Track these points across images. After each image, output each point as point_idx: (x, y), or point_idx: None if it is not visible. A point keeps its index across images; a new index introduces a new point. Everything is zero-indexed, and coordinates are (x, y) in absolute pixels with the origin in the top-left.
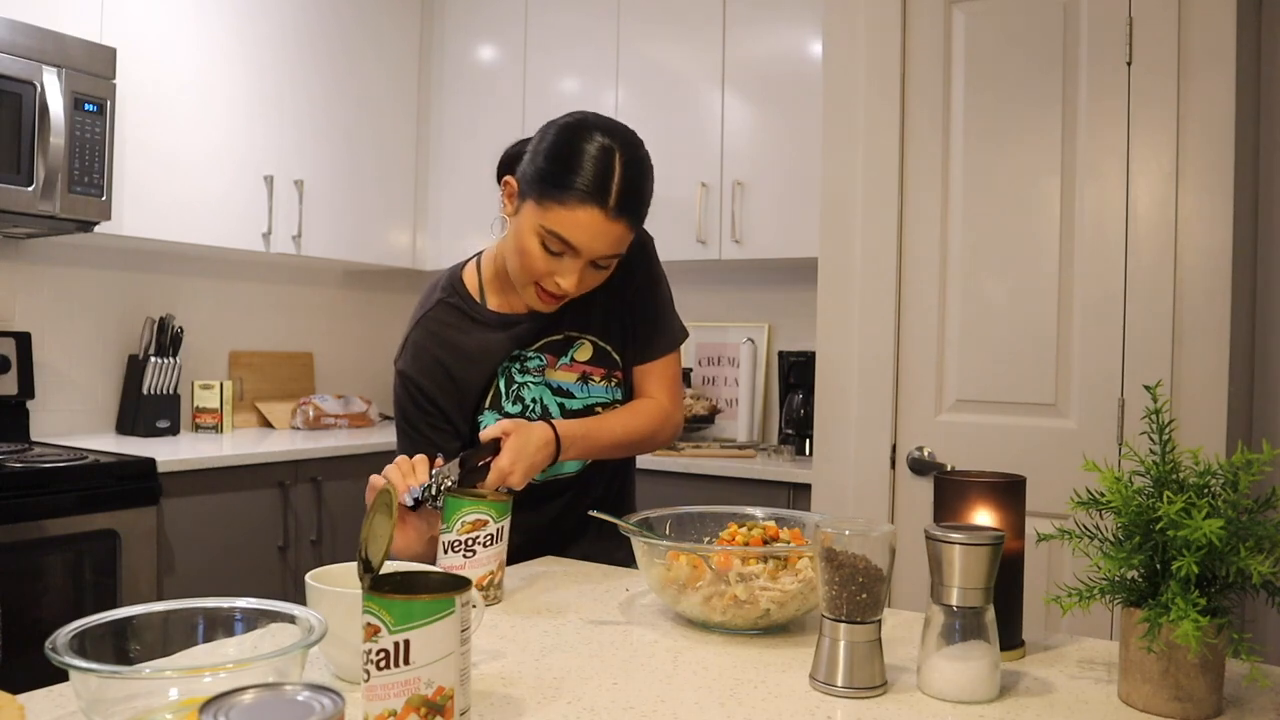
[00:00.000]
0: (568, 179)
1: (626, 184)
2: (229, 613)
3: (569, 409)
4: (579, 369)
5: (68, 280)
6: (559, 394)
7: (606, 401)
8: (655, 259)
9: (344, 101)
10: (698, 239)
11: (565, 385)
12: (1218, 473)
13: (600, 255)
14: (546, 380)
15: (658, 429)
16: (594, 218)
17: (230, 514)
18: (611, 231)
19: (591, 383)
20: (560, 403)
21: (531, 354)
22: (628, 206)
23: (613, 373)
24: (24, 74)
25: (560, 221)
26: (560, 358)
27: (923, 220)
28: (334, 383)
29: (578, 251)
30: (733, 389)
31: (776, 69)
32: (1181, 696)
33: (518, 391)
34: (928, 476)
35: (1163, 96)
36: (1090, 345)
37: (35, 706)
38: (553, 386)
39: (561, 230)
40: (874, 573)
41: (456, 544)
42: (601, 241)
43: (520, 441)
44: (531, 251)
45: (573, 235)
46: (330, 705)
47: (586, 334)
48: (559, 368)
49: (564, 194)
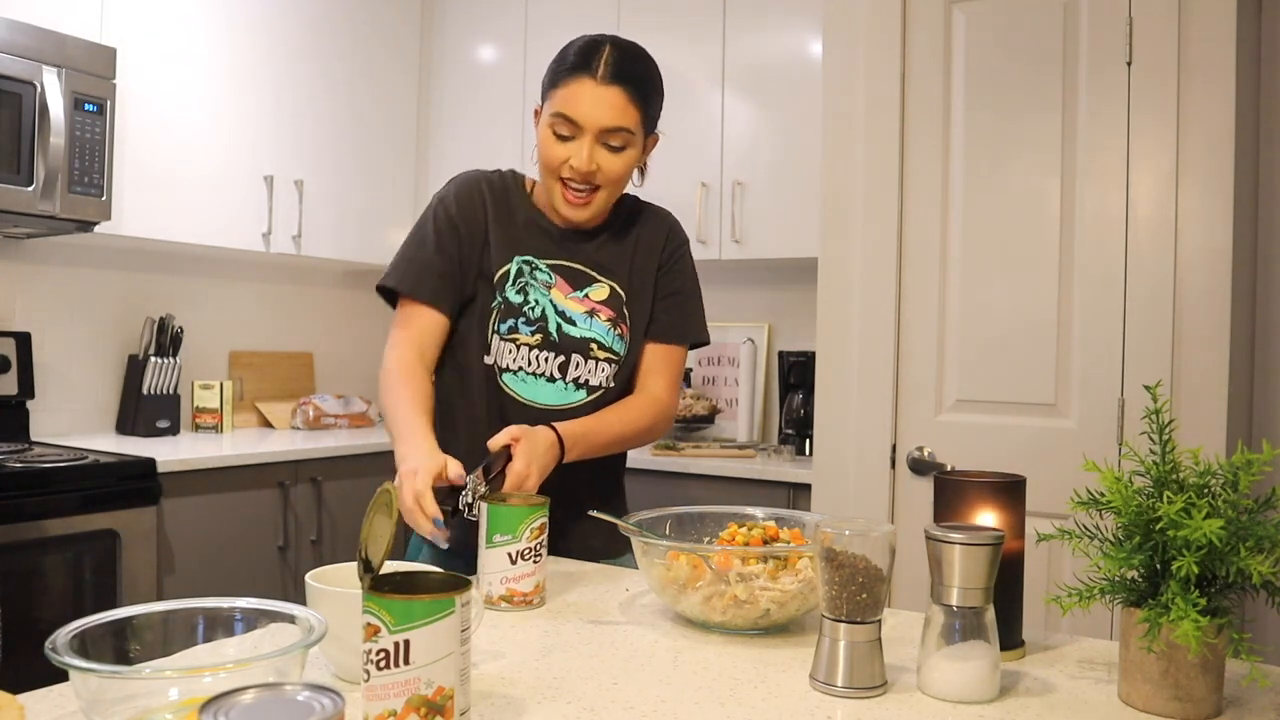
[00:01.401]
0: (561, 65)
1: (616, 55)
2: (229, 613)
3: (566, 332)
4: (589, 304)
5: (68, 280)
6: (560, 315)
7: (606, 344)
8: (690, 259)
9: (344, 101)
10: (698, 239)
11: (569, 311)
12: (1218, 473)
13: (602, 126)
14: (553, 300)
15: (653, 424)
16: (585, 87)
17: (230, 514)
18: (606, 97)
19: (596, 319)
20: (559, 323)
21: (544, 266)
22: (617, 74)
23: (619, 322)
24: (24, 74)
25: (559, 102)
26: (575, 289)
27: (923, 220)
28: (334, 383)
29: (580, 126)
30: (733, 389)
31: (776, 69)
32: (1181, 696)
33: (524, 285)
34: (928, 476)
35: (1163, 96)
36: (1090, 345)
37: (35, 706)
38: (558, 308)
39: (562, 108)
40: (874, 573)
41: (528, 551)
42: (599, 109)
43: (530, 445)
44: (547, 143)
45: (571, 109)
46: (330, 705)
47: (609, 279)
48: (570, 298)
49: (559, 78)
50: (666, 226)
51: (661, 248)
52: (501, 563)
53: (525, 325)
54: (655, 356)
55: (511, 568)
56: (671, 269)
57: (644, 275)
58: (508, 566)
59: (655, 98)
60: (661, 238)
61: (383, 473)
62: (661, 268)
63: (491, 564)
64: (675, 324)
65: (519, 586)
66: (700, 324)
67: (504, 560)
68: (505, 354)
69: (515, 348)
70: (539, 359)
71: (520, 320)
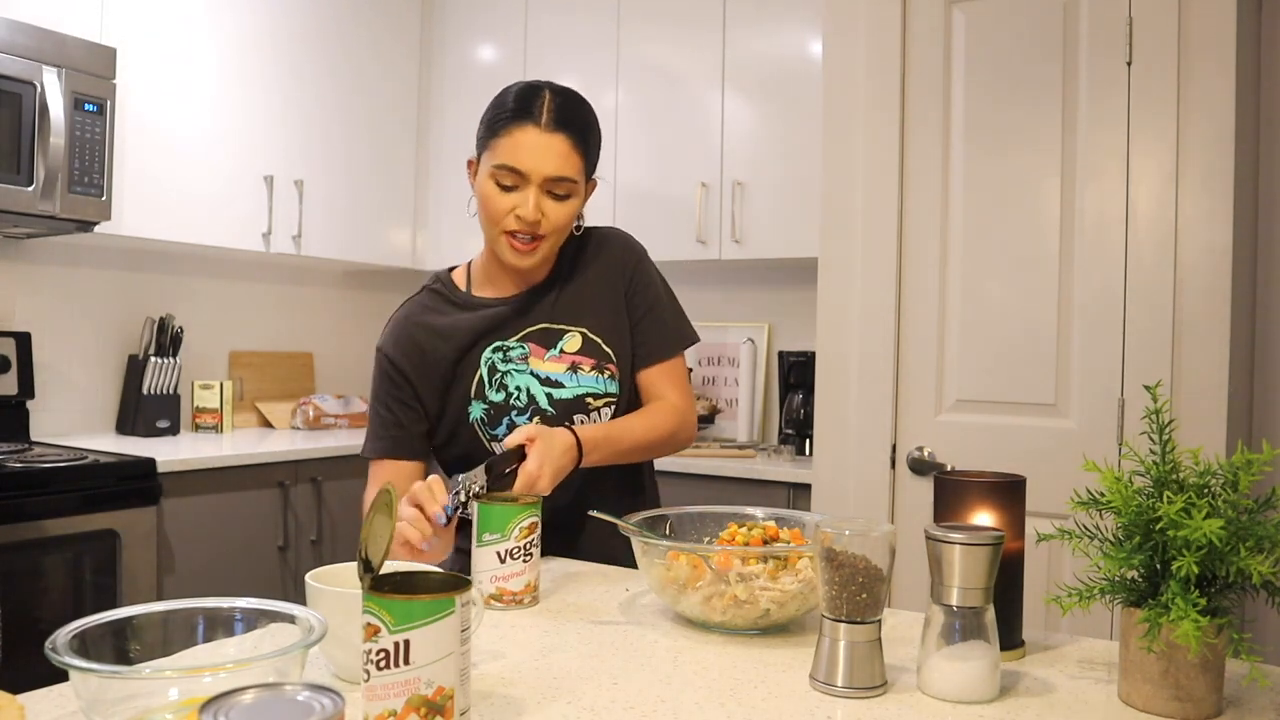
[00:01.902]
0: (500, 114)
1: (557, 102)
2: (229, 613)
3: (558, 398)
4: (568, 359)
5: (68, 280)
6: (547, 384)
7: (599, 392)
8: (652, 268)
9: (344, 101)
10: (698, 239)
11: (553, 375)
12: (1218, 473)
13: (548, 175)
14: (533, 370)
15: (677, 429)
16: (529, 135)
17: (230, 514)
18: (550, 145)
19: (581, 372)
20: (548, 392)
21: (514, 344)
22: (560, 120)
23: (604, 364)
24: (24, 74)
25: (502, 152)
26: (549, 349)
27: (923, 220)
28: (334, 383)
29: (525, 175)
30: (733, 389)
31: (776, 69)
32: (1181, 696)
33: (501, 379)
34: (928, 476)
35: (1163, 96)
36: (1090, 345)
37: (35, 706)
38: (540, 377)
39: (505, 159)
40: (874, 573)
41: (517, 550)
42: (544, 158)
43: (545, 446)
44: (490, 195)
45: (515, 159)
46: (330, 705)
47: (576, 325)
48: (547, 359)
49: (499, 127)
50: (618, 249)
51: (620, 273)
52: (491, 562)
53: (519, 416)
54: (656, 377)
55: (500, 566)
56: (637, 288)
57: (612, 307)
58: (497, 565)
59: (595, 144)
60: (617, 264)
61: None
62: (628, 292)
63: (481, 563)
64: (662, 340)
65: (509, 585)
66: (684, 327)
67: (493, 559)
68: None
69: None
70: None
71: (512, 414)
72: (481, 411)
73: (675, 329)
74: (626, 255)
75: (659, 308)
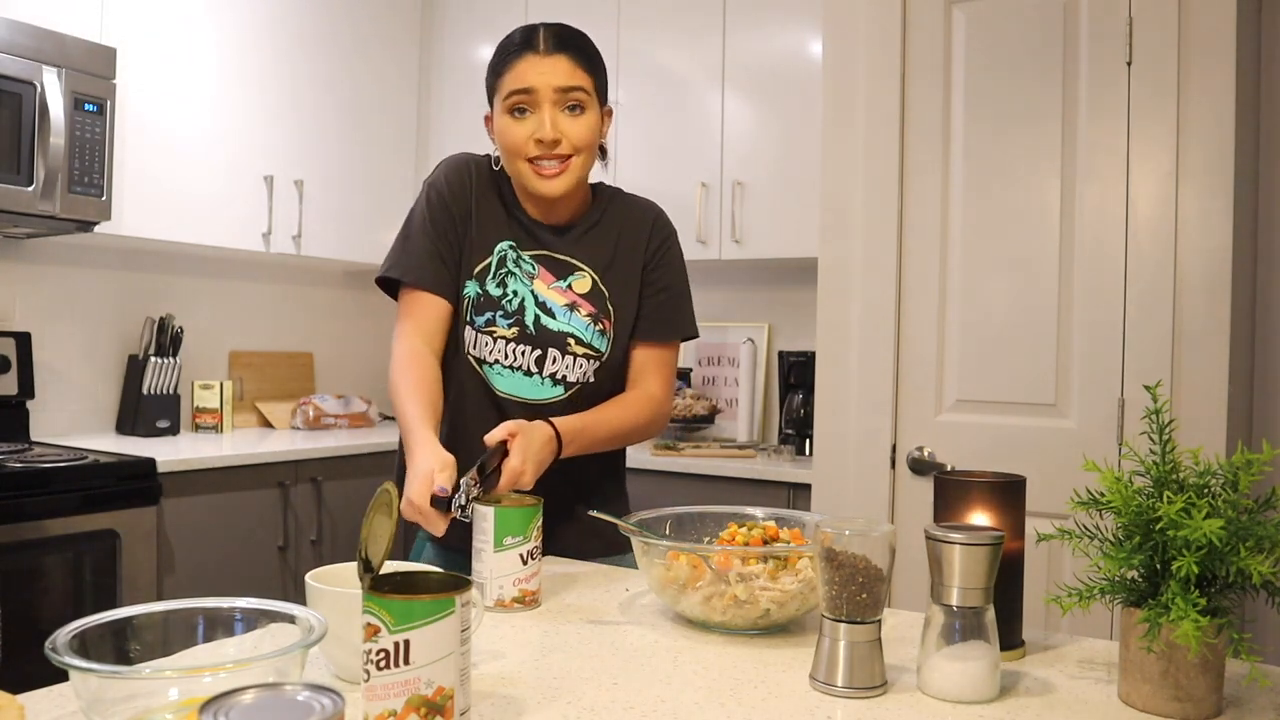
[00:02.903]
0: (503, 54)
1: (555, 30)
2: (229, 613)
3: (544, 324)
4: (570, 296)
5: (68, 280)
6: (541, 307)
7: (584, 339)
8: (678, 252)
9: (344, 101)
10: (698, 239)
11: (550, 303)
12: (1218, 473)
13: (556, 86)
14: (534, 290)
15: (650, 421)
16: (530, 62)
17: (230, 514)
18: (553, 65)
19: (576, 313)
20: (538, 314)
21: (528, 256)
22: (558, 43)
23: (601, 317)
24: (24, 74)
25: (509, 82)
26: (557, 279)
27: (923, 220)
28: (334, 383)
29: (535, 93)
30: (733, 389)
31: (776, 69)
32: (1181, 696)
33: (504, 277)
34: (928, 476)
35: (1163, 96)
36: (1090, 345)
37: (35, 706)
38: (538, 298)
39: (514, 84)
40: (874, 573)
41: (535, 551)
42: (549, 74)
43: (526, 440)
44: (507, 127)
45: (523, 81)
46: (330, 705)
47: (590, 268)
48: (553, 288)
49: (503, 64)
50: (651, 217)
51: (647, 240)
52: (514, 565)
53: (503, 318)
54: (649, 357)
55: (523, 568)
56: (659, 264)
57: (628, 269)
58: (520, 567)
59: (601, 68)
60: (646, 230)
61: (383, 472)
62: (648, 264)
63: (503, 567)
64: (667, 322)
65: (530, 586)
66: (689, 319)
67: (516, 562)
68: (482, 346)
69: (492, 340)
70: (515, 352)
71: (498, 314)
72: (475, 292)
73: (682, 317)
74: (658, 229)
75: (673, 291)
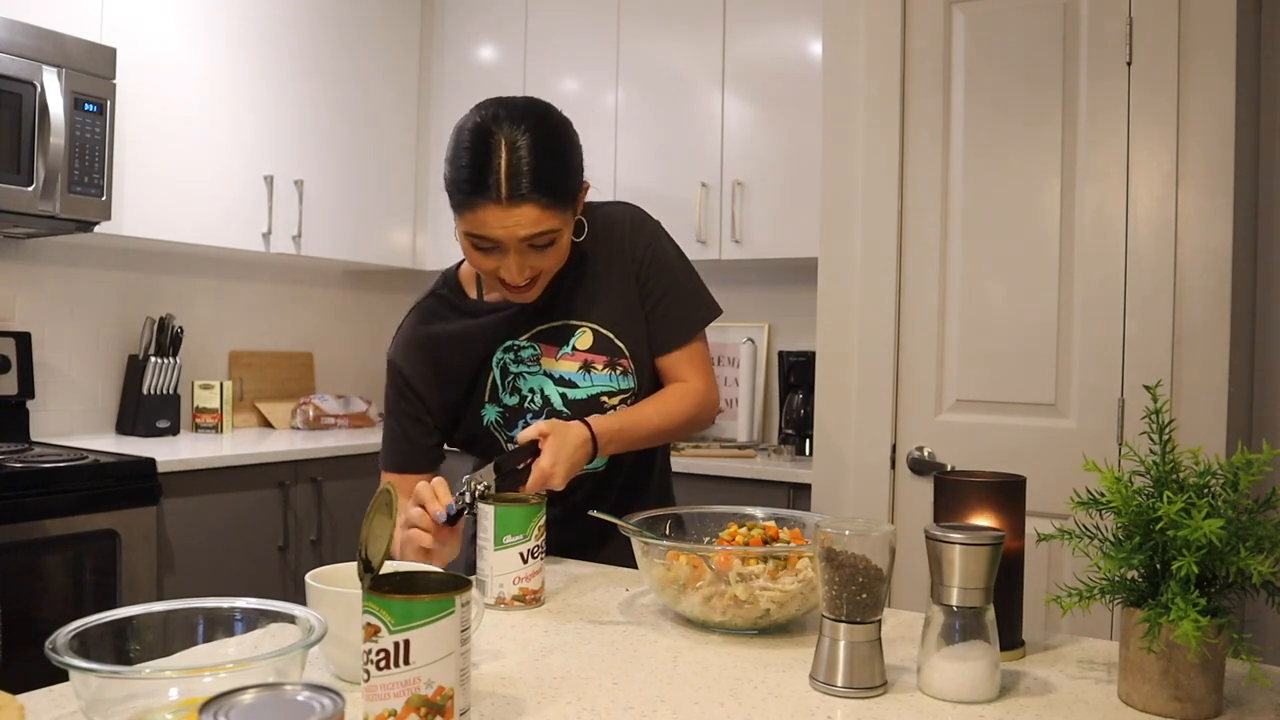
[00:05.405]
0: (458, 184)
1: (512, 168)
2: (229, 613)
3: (572, 399)
4: (580, 357)
5: (68, 280)
6: (560, 384)
7: (612, 390)
8: (665, 246)
9: (344, 101)
10: (698, 239)
11: (567, 375)
12: (1218, 473)
13: (522, 239)
14: (545, 370)
15: (695, 413)
16: (491, 213)
17: (230, 514)
18: (518, 216)
19: (594, 371)
20: (562, 393)
21: (525, 343)
22: (520, 188)
23: (616, 360)
24: (24, 74)
25: (470, 224)
26: (560, 347)
27: (923, 220)
28: (334, 383)
29: (501, 244)
30: (733, 389)
31: (776, 69)
32: (1181, 696)
33: (514, 382)
34: (928, 476)
35: (1163, 96)
36: (1090, 345)
37: (35, 706)
38: (554, 377)
39: (474, 230)
40: (874, 573)
41: (536, 550)
42: (514, 228)
43: (559, 441)
44: (470, 254)
45: (484, 231)
46: (330, 705)
47: (586, 321)
48: (560, 358)
49: (460, 200)
50: (625, 226)
51: (629, 253)
52: (514, 563)
53: (534, 418)
54: (675, 361)
55: (523, 567)
56: (649, 271)
57: (623, 296)
58: (520, 566)
59: (570, 182)
60: (625, 243)
61: None
62: (639, 275)
63: (504, 565)
64: (679, 325)
65: (530, 585)
66: (701, 307)
67: (516, 560)
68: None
69: None
70: None
71: (528, 416)
72: (496, 415)
73: (692, 311)
74: (636, 237)
75: (675, 291)
